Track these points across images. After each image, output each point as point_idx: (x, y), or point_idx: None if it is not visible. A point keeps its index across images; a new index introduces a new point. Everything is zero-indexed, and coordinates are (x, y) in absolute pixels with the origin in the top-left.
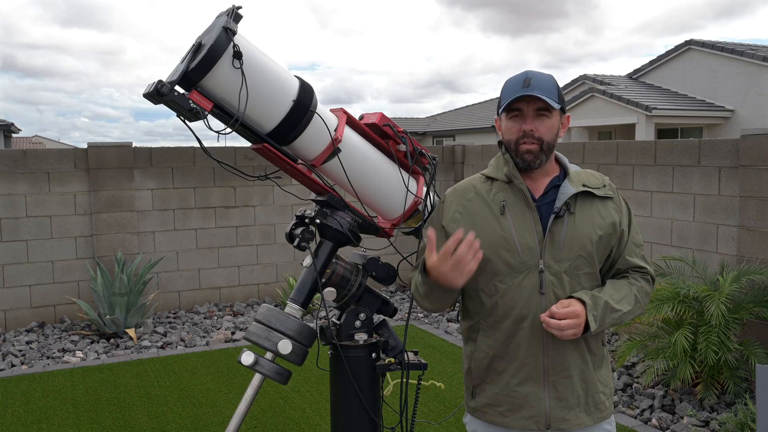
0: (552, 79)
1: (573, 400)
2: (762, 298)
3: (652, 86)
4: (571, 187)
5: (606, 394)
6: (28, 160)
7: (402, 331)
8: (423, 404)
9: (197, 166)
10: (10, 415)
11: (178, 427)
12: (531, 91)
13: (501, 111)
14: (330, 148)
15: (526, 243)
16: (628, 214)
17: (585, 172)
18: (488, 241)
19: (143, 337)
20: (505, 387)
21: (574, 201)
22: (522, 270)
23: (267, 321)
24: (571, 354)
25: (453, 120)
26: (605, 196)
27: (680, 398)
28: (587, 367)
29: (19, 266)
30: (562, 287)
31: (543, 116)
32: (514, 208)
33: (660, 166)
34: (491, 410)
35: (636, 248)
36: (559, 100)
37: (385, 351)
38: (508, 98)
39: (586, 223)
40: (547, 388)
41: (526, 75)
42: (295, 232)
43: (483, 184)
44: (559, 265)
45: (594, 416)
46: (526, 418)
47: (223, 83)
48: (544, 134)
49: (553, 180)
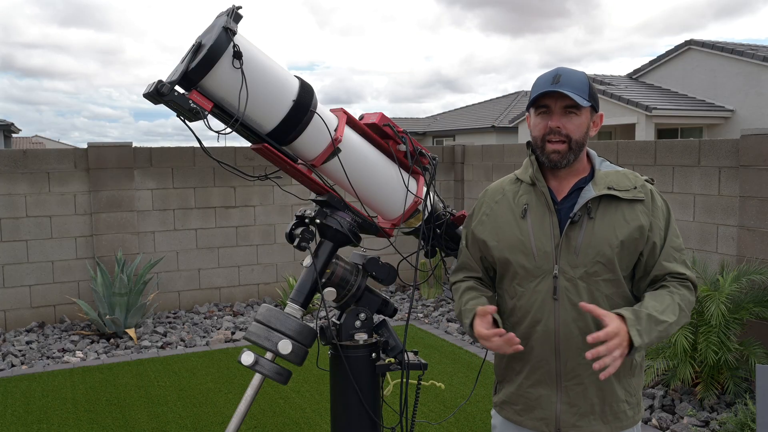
0: (583, 77)
1: (586, 407)
2: (762, 298)
3: (652, 86)
4: (592, 190)
5: (630, 404)
6: (28, 160)
7: (402, 331)
8: (423, 404)
9: (197, 166)
10: (10, 415)
11: (178, 427)
12: (559, 88)
13: (529, 106)
14: (330, 148)
15: (542, 247)
16: (665, 217)
17: (616, 173)
18: (508, 245)
19: (143, 337)
20: (520, 387)
21: (596, 205)
22: (538, 274)
23: (267, 321)
24: (584, 361)
25: (453, 120)
26: (634, 198)
27: (680, 398)
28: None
29: (19, 266)
30: (578, 293)
31: (572, 114)
32: (536, 212)
33: (660, 166)
34: (509, 408)
35: (675, 253)
36: (590, 98)
37: (385, 351)
38: (536, 93)
39: (606, 228)
40: (559, 393)
41: (557, 72)
42: (295, 232)
43: (511, 186)
44: (575, 271)
45: (612, 425)
46: (537, 419)
47: (223, 83)
48: (572, 132)
49: (580, 181)
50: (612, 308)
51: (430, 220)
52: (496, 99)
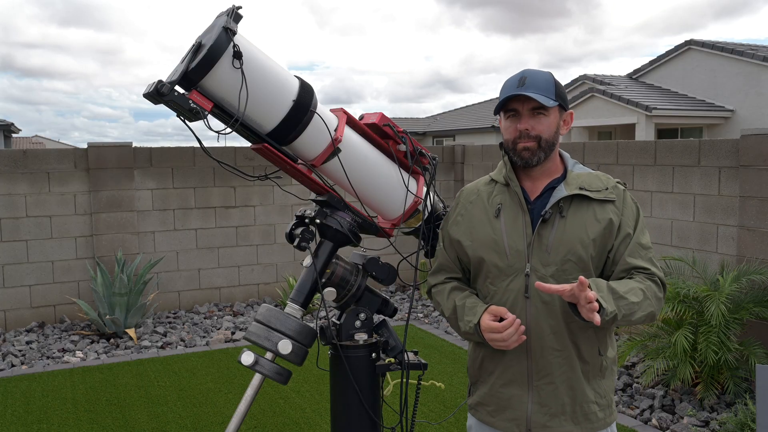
0: (549, 77)
1: (556, 408)
2: (762, 298)
3: (652, 86)
4: (564, 189)
5: (601, 405)
6: (28, 160)
7: (402, 331)
8: (423, 404)
9: (197, 166)
10: (10, 415)
11: (178, 427)
12: (524, 91)
13: (497, 110)
14: (330, 148)
15: (514, 246)
16: (634, 216)
17: (588, 174)
18: (481, 244)
19: (143, 337)
20: (492, 388)
21: (568, 204)
22: (510, 273)
23: (267, 321)
24: (555, 360)
25: (453, 120)
26: (605, 199)
27: (680, 398)
28: (575, 375)
29: (19, 266)
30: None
31: (540, 115)
32: (509, 211)
33: (660, 166)
34: (482, 409)
35: (641, 250)
36: (557, 97)
37: (385, 351)
38: (503, 98)
39: (577, 227)
40: (530, 393)
41: (522, 74)
42: (295, 232)
43: (486, 187)
44: (546, 269)
45: (583, 426)
46: (509, 419)
47: (223, 83)
48: (542, 132)
49: (553, 181)
50: None
51: (430, 220)
52: (496, 99)
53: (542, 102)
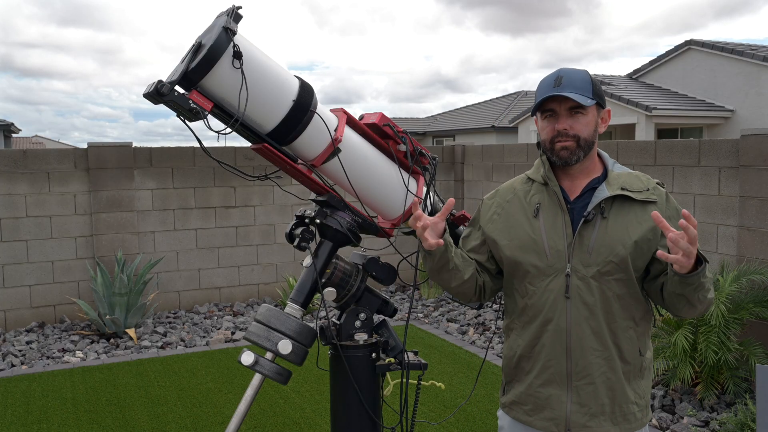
0: (585, 75)
1: (596, 408)
2: (762, 298)
3: (652, 86)
4: (606, 190)
5: (639, 406)
6: (28, 160)
7: (402, 331)
8: (423, 404)
9: (197, 166)
10: (10, 415)
11: (178, 427)
12: (561, 91)
13: (534, 111)
14: (330, 148)
15: (555, 246)
16: (679, 217)
17: (629, 174)
18: (519, 243)
19: (143, 337)
20: (529, 387)
21: (609, 205)
22: (550, 273)
23: (267, 321)
24: (596, 361)
25: (453, 120)
26: (647, 200)
27: (680, 398)
28: (615, 376)
29: (19, 266)
30: (590, 292)
31: (578, 114)
32: (548, 211)
33: (660, 166)
34: (518, 408)
35: None
36: (594, 96)
37: (385, 351)
38: (540, 98)
39: (619, 229)
40: (570, 393)
41: (558, 73)
42: (295, 232)
43: (523, 186)
44: (587, 270)
45: (622, 426)
46: (547, 419)
47: (223, 83)
48: (580, 131)
49: (593, 181)
50: (623, 309)
51: None
52: (496, 99)
53: (580, 101)
